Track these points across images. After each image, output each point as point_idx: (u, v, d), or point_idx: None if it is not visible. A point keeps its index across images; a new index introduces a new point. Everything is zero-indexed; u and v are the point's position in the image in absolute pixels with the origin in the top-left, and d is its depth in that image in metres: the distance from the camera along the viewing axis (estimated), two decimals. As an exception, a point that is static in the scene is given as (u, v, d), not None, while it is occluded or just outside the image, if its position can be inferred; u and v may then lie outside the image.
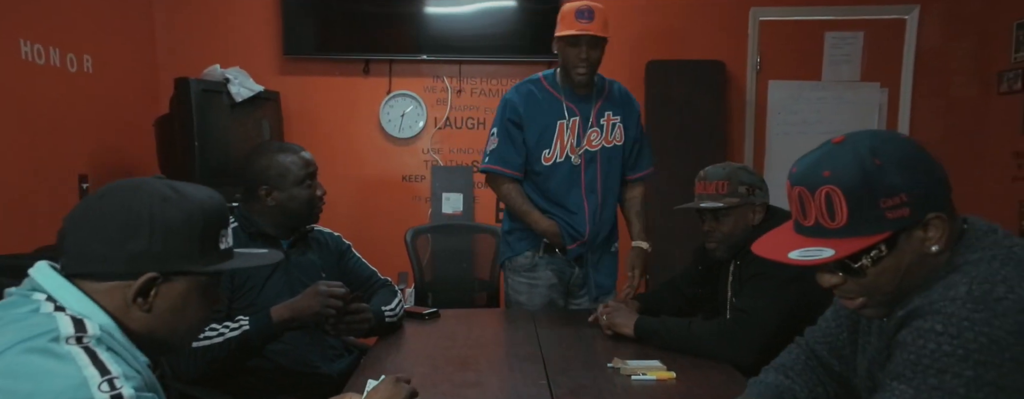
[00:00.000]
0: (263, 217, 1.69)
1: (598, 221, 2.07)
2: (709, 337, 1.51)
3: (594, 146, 2.05)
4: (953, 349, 0.75)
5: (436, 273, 3.07)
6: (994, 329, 0.74)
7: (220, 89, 2.87)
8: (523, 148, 2.04)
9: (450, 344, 1.65)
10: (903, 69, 3.39)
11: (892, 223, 0.83)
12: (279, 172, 1.67)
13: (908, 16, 3.37)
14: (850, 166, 0.83)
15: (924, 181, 0.83)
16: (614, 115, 2.07)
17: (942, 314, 0.77)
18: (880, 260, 0.85)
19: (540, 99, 2.05)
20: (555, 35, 1.99)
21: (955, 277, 0.81)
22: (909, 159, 0.83)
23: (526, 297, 2.11)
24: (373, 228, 3.49)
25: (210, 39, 3.35)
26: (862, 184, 0.83)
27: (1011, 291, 0.76)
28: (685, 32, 3.42)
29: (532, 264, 2.10)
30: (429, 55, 3.37)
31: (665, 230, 3.38)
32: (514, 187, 2.07)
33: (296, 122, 3.44)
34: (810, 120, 3.45)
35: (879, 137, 0.86)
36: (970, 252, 0.83)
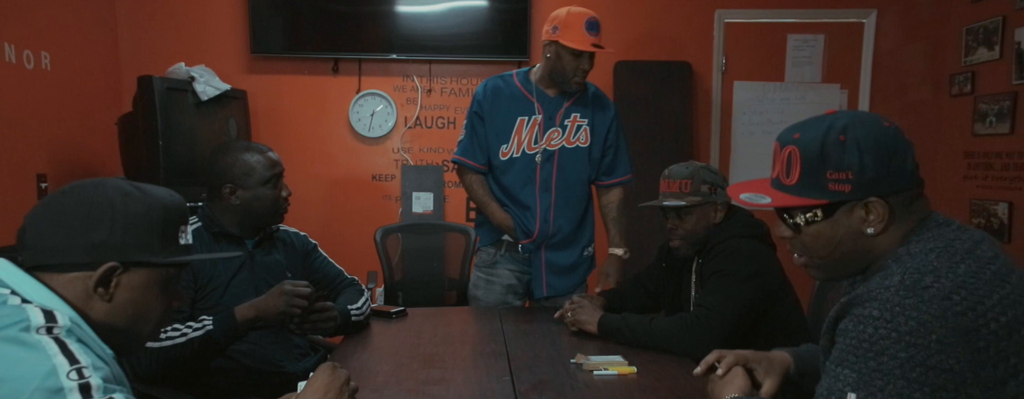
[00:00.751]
0: (227, 216, 1.68)
1: (550, 219, 2.07)
2: (670, 332, 1.55)
3: (554, 146, 2.06)
4: (888, 333, 0.80)
5: (406, 272, 3.07)
6: (921, 314, 0.79)
7: (185, 87, 2.83)
8: (485, 142, 2.08)
9: (416, 342, 1.66)
10: (862, 71, 3.50)
11: (831, 194, 0.91)
12: (244, 171, 1.65)
13: (866, 20, 3.47)
14: (817, 135, 0.91)
15: (876, 167, 0.88)
16: (582, 117, 2.07)
17: (878, 301, 0.82)
18: (814, 223, 0.94)
19: (505, 94, 2.07)
20: (556, 40, 1.94)
21: (894, 267, 0.87)
22: (874, 146, 0.88)
23: (482, 292, 2.15)
24: (342, 227, 3.48)
25: (175, 37, 3.30)
26: (818, 153, 0.91)
27: (937, 280, 0.82)
28: (652, 33, 3.47)
29: (493, 261, 2.14)
30: (399, 54, 3.37)
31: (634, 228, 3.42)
32: (477, 178, 2.12)
33: (264, 121, 3.41)
34: (774, 120, 3.53)
35: (861, 119, 0.91)
36: (916, 244, 0.88)
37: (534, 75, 2.09)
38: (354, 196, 3.52)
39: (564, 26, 1.93)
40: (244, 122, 3.23)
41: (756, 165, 3.53)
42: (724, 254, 1.60)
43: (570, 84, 2.00)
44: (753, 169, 3.53)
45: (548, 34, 1.99)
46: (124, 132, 2.80)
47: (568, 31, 1.92)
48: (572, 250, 2.13)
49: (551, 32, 1.97)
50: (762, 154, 3.52)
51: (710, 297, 1.57)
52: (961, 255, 0.84)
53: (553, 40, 1.96)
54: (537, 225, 2.06)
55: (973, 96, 3.13)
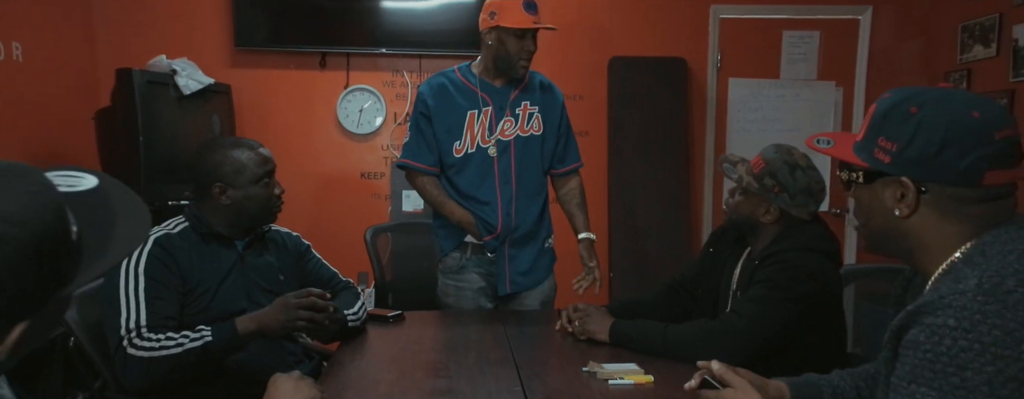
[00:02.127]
0: (216, 216, 1.59)
1: (512, 212, 2.01)
2: (689, 340, 1.47)
3: (508, 136, 2.01)
4: (970, 344, 0.73)
5: (397, 273, 2.99)
6: (1007, 321, 0.72)
7: (166, 81, 2.72)
8: (434, 142, 2.01)
9: (417, 348, 1.59)
10: (857, 68, 3.48)
11: (873, 160, 0.89)
12: (234, 169, 1.56)
13: (861, 16, 3.45)
14: (897, 100, 0.88)
15: (922, 150, 0.84)
16: (532, 105, 2.03)
17: (953, 308, 0.75)
18: (853, 184, 0.93)
19: (452, 90, 2.01)
20: (496, 25, 1.91)
21: (966, 270, 0.80)
22: (935, 129, 0.83)
23: (453, 299, 2.07)
24: (331, 227, 3.38)
25: (155, 28, 3.17)
26: (883, 116, 0.89)
27: (1021, 284, 0.75)
28: (647, 29, 3.41)
29: (460, 266, 2.07)
30: (388, 49, 3.28)
31: (629, 225, 3.38)
32: (429, 180, 2.05)
33: (249, 116, 3.30)
34: (769, 118, 3.50)
35: (950, 101, 0.85)
36: (993, 245, 0.82)
37: (477, 68, 2.04)
38: (343, 194, 3.43)
39: (502, 10, 1.90)
40: (228, 117, 3.12)
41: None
42: (783, 265, 1.46)
43: (516, 69, 1.95)
44: (748, 167, 3.49)
45: (486, 21, 1.94)
46: (101, 127, 2.68)
47: (507, 13, 1.89)
48: (534, 243, 2.08)
49: (490, 18, 1.93)
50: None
51: (748, 305, 1.46)
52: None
53: (493, 26, 1.92)
54: (500, 219, 1.99)
55: (968, 94, 3.12)
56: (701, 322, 1.52)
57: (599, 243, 3.39)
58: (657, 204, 3.39)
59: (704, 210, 3.54)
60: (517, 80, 2.03)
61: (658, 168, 3.40)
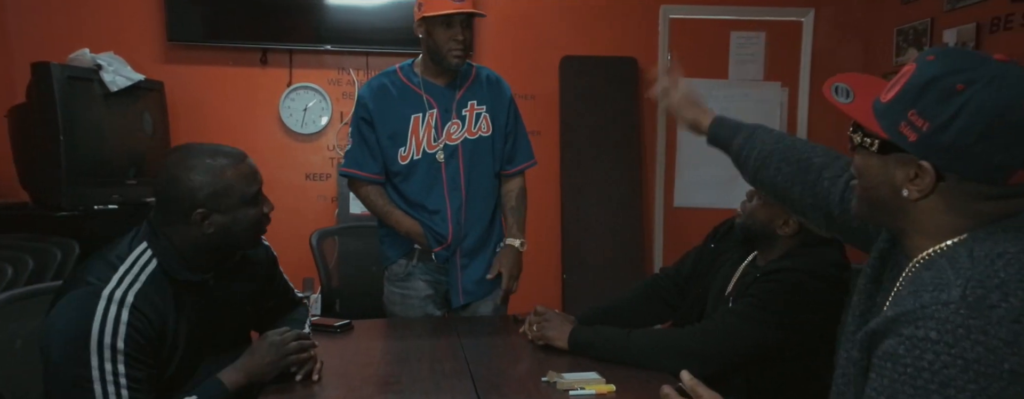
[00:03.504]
0: (191, 247, 1.29)
1: (462, 221, 1.93)
2: (652, 348, 1.42)
3: (455, 140, 1.91)
4: (952, 360, 0.69)
5: (344, 278, 2.88)
6: (990, 338, 0.69)
7: (91, 77, 2.53)
8: (377, 148, 1.90)
9: (367, 360, 1.51)
10: (801, 69, 3.55)
11: (895, 133, 0.79)
12: (220, 190, 1.27)
13: (804, 19, 3.53)
14: (941, 70, 0.76)
15: (957, 136, 0.74)
16: (479, 105, 1.93)
17: (935, 319, 0.71)
18: (864, 149, 0.84)
19: (393, 93, 1.90)
20: (422, 16, 1.81)
21: (950, 274, 0.75)
22: (981, 115, 0.73)
23: (400, 308, 1.99)
24: (274, 231, 3.22)
25: (77, 20, 2.97)
26: (921, 86, 0.77)
27: (1005, 299, 0.71)
28: (598, 28, 3.40)
29: (406, 273, 1.97)
30: (334, 46, 3.16)
31: (581, 225, 3.36)
32: (374, 189, 1.94)
33: (184, 115, 3.12)
34: (718, 118, 3.53)
35: (1007, 85, 0.74)
36: (982, 246, 0.76)
37: (418, 67, 1.93)
38: (286, 196, 3.28)
39: (425, 1, 1.81)
40: (161, 116, 2.94)
41: (702, 162, 3.53)
42: (786, 287, 1.36)
43: (448, 59, 1.83)
44: (699, 167, 3.53)
45: (416, 14, 1.85)
46: (16, 125, 2.47)
47: (429, 3, 1.79)
48: (486, 252, 1.99)
49: (417, 10, 1.84)
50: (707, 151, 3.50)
51: (729, 318, 1.39)
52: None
53: (421, 18, 1.82)
54: (450, 228, 1.91)
55: (905, 95, 3.23)
56: (668, 331, 1.47)
57: (551, 243, 3.38)
58: (609, 204, 3.38)
59: (655, 210, 3.55)
60: (462, 78, 1.94)
61: (610, 168, 3.39)
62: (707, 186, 3.54)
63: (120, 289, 1.19)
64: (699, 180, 3.54)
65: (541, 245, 3.32)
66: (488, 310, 2.03)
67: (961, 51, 0.80)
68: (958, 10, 2.85)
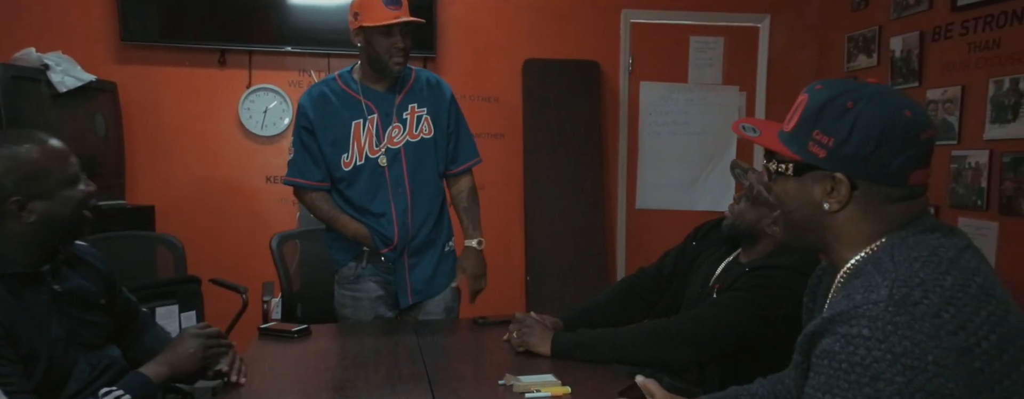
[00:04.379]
0: (12, 243, 1.18)
1: (408, 223, 1.95)
2: (641, 341, 1.45)
3: (396, 143, 1.93)
4: (882, 355, 0.74)
5: (306, 282, 2.85)
6: (915, 333, 0.74)
7: (38, 77, 2.46)
8: (320, 156, 1.92)
9: (324, 365, 1.50)
10: (758, 74, 3.64)
11: (807, 153, 0.88)
12: (33, 172, 1.17)
13: (760, 24, 3.62)
14: (831, 94, 0.87)
15: (858, 147, 0.84)
16: (419, 107, 1.95)
17: (866, 317, 0.76)
18: (781, 176, 0.92)
19: (333, 101, 1.92)
20: (360, 26, 1.82)
21: (877, 277, 0.81)
22: (872, 126, 0.83)
23: (351, 310, 2.00)
24: (234, 234, 3.19)
25: (22, 18, 2.87)
26: (818, 110, 0.87)
27: (925, 296, 0.77)
28: (561, 31, 3.43)
29: (356, 275, 1.99)
30: (294, 46, 3.13)
31: (545, 227, 3.38)
32: (318, 195, 1.96)
33: (139, 117, 3.05)
34: (679, 121, 3.60)
35: (884, 98, 0.85)
36: (900, 250, 0.83)
37: (357, 73, 1.95)
38: (246, 200, 3.24)
39: (363, 8, 1.82)
40: (114, 117, 2.87)
41: (663, 164, 3.59)
42: (771, 282, 1.42)
43: (390, 67, 1.85)
44: (661, 168, 3.59)
45: (352, 23, 1.86)
46: (-41, 128, 2.38)
47: (369, 11, 1.81)
48: (433, 250, 2.02)
49: (354, 19, 1.85)
50: (668, 153, 3.59)
51: (714, 309, 1.44)
52: (946, 265, 0.80)
53: (358, 27, 1.83)
54: (396, 231, 1.93)
55: (855, 100, 3.33)
56: (653, 323, 1.49)
57: (515, 247, 3.40)
58: (572, 206, 3.41)
59: (618, 212, 3.59)
60: (401, 83, 1.95)
61: (573, 170, 3.42)
62: (669, 188, 3.60)
63: None
64: (661, 182, 3.60)
65: (504, 248, 3.34)
66: (439, 310, 2.04)
67: (842, 80, 0.91)
68: (904, 18, 2.96)
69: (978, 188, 2.55)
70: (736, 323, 1.42)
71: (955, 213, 2.67)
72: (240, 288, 2.68)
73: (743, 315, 1.42)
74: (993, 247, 2.47)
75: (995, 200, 2.48)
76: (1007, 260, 2.43)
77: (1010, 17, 2.44)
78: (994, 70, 2.50)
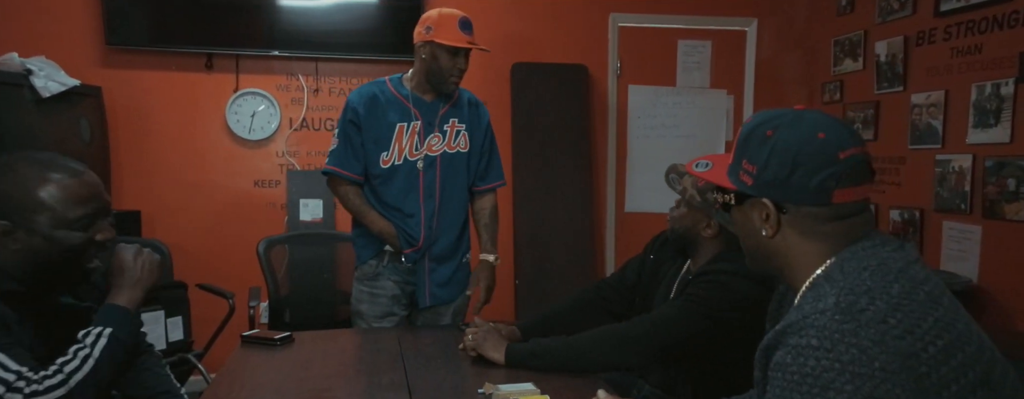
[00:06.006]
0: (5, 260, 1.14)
1: (434, 227, 2.04)
2: (591, 346, 1.46)
3: (435, 151, 2.03)
4: (830, 364, 0.75)
5: (293, 287, 2.84)
6: (861, 340, 0.75)
7: (20, 82, 2.44)
8: (362, 151, 2.02)
9: (304, 374, 1.49)
10: (745, 77, 3.65)
11: (738, 181, 0.93)
12: (28, 205, 1.11)
13: (748, 28, 3.63)
14: (755, 124, 0.91)
15: (776, 171, 0.87)
16: (459, 122, 2.07)
17: (814, 327, 0.78)
18: (730, 207, 0.96)
19: (382, 102, 2.02)
20: (431, 40, 1.93)
21: (826, 287, 0.83)
22: (786, 151, 0.87)
23: (367, 306, 2.07)
24: (222, 239, 3.18)
25: (5, 23, 2.85)
26: (744, 140, 0.92)
27: (872, 302, 0.78)
28: (549, 35, 3.44)
29: (375, 273, 2.07)
30: (282, 50, 3.12)
31: (533, 231, 3.38)
32: (352, 189, 2.05)
33: (124, 122, 3.04)
34: (667, 124, 3.61)
35: (799, 123, 0.88)
36: (850, 262, 0.85)
37: (408, 81, 2.06)
38: (234, 204, 3.23)
39: (437, 26, 1.93)
40: (99, 122, 2.86)
41: (651, 168, 3.59)
42: (713, 285, 1.45)
43: (447, 84, 1.99)
44: (648, 172, 3.59)
45: (421, 35, 1.97)
46: (-58, 134, 2.37)
47: (442, 30, 1.92)
48: (453, 259, 2.12)
49: (425, 33, 1.96)
50: (657, 156, 3.59)
51: (662, 310, 1.48)
52: (894, 274, 0.82)
53: (428, 41, 1.94)
54: (422, 232, 2.02)
55: (842, 103, 3.35)
56: (606, 326, 1.51)
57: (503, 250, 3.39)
58: (561, 209, 3.42)
59: (607, 215, 3.60)
60: (447, 97, 2.06)
61: (561, 174, 3.43)
62: (658, 191, 3.59)
63: None
64: (650, 185, 3.61)
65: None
66: (448, 318, 2.14)
67: (772, 110, 0.95)
68: (888, 23, 2.97)
69: (962, 192, 2.56)
70: (683, 324, 1.44)
71: (940, 217, 2.69)
72: (227, 293, 2.67)
73: (689, 315, 1.44)
74: (976, 251, 2.49)
75: (978, 204, 2.49)
76: (990, 264, 2.44)
77: (991, 23, 2.46)
78: (977, 75, 2.51)
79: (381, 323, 2.06)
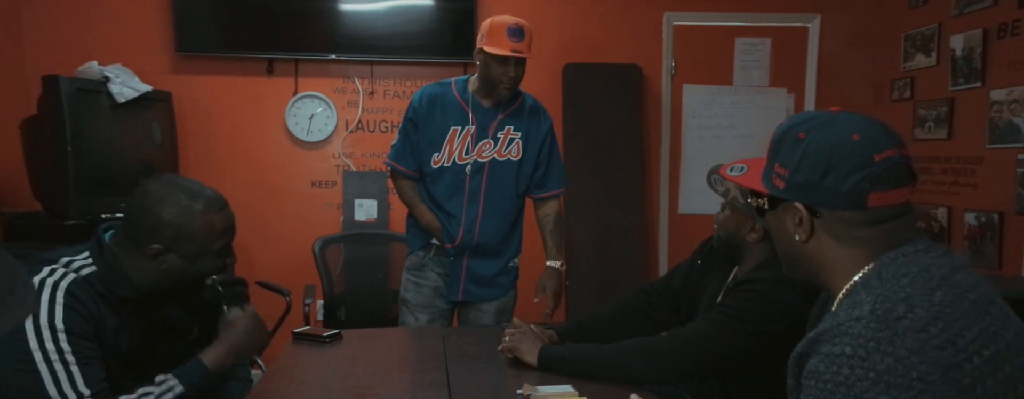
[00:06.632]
0: (140, 274, 1.24)
1: (475, 230, 2.07)
2: (623, 358, 1.43)
3: (484, 157, 2.07)
4: (864, 373, 0.72)
5: (348, 285, 2.91)
6: (897, 348, 0.72)
7: (99, 88, 2.60)
8: (418, 148, 2.09)
9: (349, 371, 1.53)
10: (807, 75, 3.51)
11: (770, 185, 0.91)
12: (185, 234, 1.22)
13: (810, 24, 3.49)
14: (789, 126, 0.89)
15: (808, 174, 0.85)
16: (515, 130, 2.08)
17: (848, 335, 0.75)
18: (763, 210, 0.94)
19: (442, 103, 2.07)
20: (482, 48, 1.97)
21: (862, 295, 0.80)
22: (819, 153, 0.84)
23: (412, 295, 2.15)
24: (280, 238, 3.29)
25: (87, 34, 3.05)
26: (777, 143, 0.90)
27: (911, 310, 0.74)
28: (602, 36, 3.40)
29: (421, 264, 2.15)
30: (339, 54, 3.21)
31: (585, 233, 3.35)
32: (408, 183, 2.14)
33: (191, 125, 3.19)
34: (723, 124, 3.51)
35: (833, 125, 0.85)
36: (889, 268, 0.82)
37: (472, 84, 2.09)
38: (292, 204, 3.34)
39: (488, 34, 1.97)
40: (169, 126, 3.01)
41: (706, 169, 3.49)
42: (753, 295, 1.38)
43: (499, 92, 2.01)
44: (703, 173, 3.49)
45: (478, 42, 2.02)
46: (28, 137, 2.55)
47: (492, 38, 1.96)
48: (496, 261, 2.14)
49: (479, 40, 2.01)
50: (712, 157, 3.49)
51: (700, 326, 1.41)
52: (937, 281, 0.77)
53: (480, 48, 1.99)
54: (460, 233, 2.07)
55: (912, 101, 3.18)
56: (638, 339, 1.47)
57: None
58: (612, 211, 3.37)
59: (660, 217, 3.53)
60: (507, 103, 2.07)
61: (613, 175, 3.39)
62: (712, 192, 3.51)
63: (53, 277, 1.16)
64: (704, 186, 3.48)
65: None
66: (491, 312, 2.15)
67: (806, 112, 0.95)
68: (966, 15, 2.81)
69: (1045, 195, 2.39)
70: (719, 340, 1.38)
71: (1022, 220, 2.51)
72: (284, 291, 2.76)
73: (726, 331, 1.37)
74: (1061, 258, 2.32)
75: (1064, 208, 2.32)
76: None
77: (1080, 13, 2.28)
78: (1063, 69, 2.34)
79: (424, 313, 2.12)
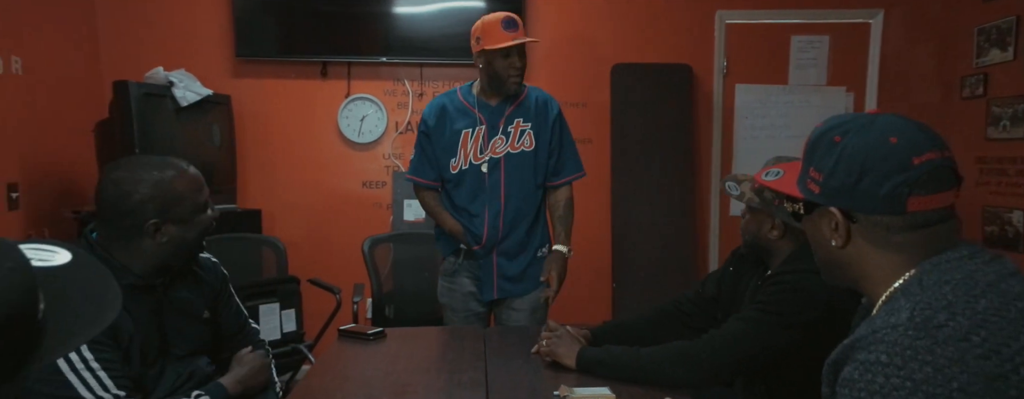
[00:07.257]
0: (143, 259, 1.29)
1: (499, 225, 2.11)
2: (663, 362, 1.41)
3: (499, 153, 2.10)
4: (901, 382, 0.69)
5: (396, 284, 2.96)
6: (937, 357, 0.69)
7: (164, 93, 2.73)
8: (434, 159, 2.15)
9: (390, 369, 1.56)
10: (868, 73, 3.37)
11: (805, 190, 0.89)
12: (173, 198, 1.27)
13: (872, 20, 3.35)
14: (823, 129, 0.87)
15: (843, 178, 0.82)
16: (524, 122, 2.12)
17: (884, 343, 0.72)
18: (799, 215, 0.92)
19: (450, 111, 2.13)
20: (482, 49, 2.00)
21: (901, 301, 0.77)
22: (854, 156, 0.81)
23: (448, 299, 2.22)
24: (331, 236, 3.38)
25: (155, 41, 3.21)
26: (812, 147, 0.88)
27: (952, 318, 0.71)
28: (651, 35, 3.36)
29: (454, 269, 2.20)
30: (389, 57, 3.27)
31: (632, 234, 3.31)
32: (429, 194, 2.21)
33: (249, 126, 3.31)
34: (777, 124, 3.41)
35: (869, 127, 0.83)
36: (931, 275, 0.78)
37: (475, 88, 2.15)
38: (344, 204, 3.42)
39: (484, 33, 2.00)
40: (228, 128, 3.13)
41: (759, 170, 3.41)
42: (783, 287, 1.36)
43: (509, 86, 2.04)
44: (756, 175, 3.40)
45: (474, 47, 2.04)
46: (101, 139, 2.71)
47: (489, 36, 1.99)
48: (525, 254, 2.17)
49: (476, 44, 2.03)
50: (765, 159, 3.39)
51: (734, 324, 1.39)
52: (982, 288, 0.74)
53: (480, 50, 2.02)
54: (485, 231, 2.11)
55: (986, 99, 3.00)
56: (676, 343, 1.44)
57: (602, 253, 3.36)
58: (661, 212, 3.32)
59: (711, 219, 3.46)
60: (513, 98, 2.11)
61: (662, 176, 3.33)
62: (766, 195, 3.42)
63: None
64: (757, 189, 3.42)
65: (592, 253, 3.31)
66: (525, 308, 2.16)
67: (843, 114, 0.89)
68: (1044, 7, 2.64)
69: None
70: (754, 337, 1.35)
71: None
72: (334, 289, 2.83)
73: (762, 329, 1.35)
74: None
75: None
76: None
77: None
78: None
79: (461, 317, 2.18)
